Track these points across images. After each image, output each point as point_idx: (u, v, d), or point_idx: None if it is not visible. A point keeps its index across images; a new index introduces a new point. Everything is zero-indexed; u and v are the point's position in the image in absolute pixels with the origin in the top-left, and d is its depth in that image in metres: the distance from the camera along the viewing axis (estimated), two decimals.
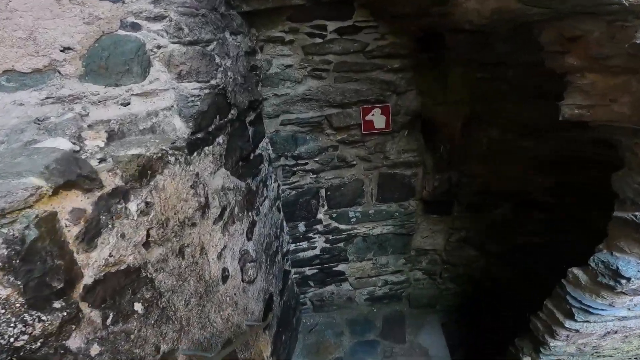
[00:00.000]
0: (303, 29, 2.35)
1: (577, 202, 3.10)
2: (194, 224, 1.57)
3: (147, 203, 1.25)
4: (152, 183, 1.29)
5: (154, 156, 1.31)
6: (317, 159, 2.82)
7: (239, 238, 2.12)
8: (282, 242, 3.14)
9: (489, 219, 3.33)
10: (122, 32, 1.36)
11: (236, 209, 2.06)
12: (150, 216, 1.27)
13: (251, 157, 2.35)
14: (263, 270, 2.61)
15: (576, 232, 3.45)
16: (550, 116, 1.88)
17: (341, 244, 3.48)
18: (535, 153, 2.79)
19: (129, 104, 1.40)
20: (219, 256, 1.84)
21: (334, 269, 3.70)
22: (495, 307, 3.96)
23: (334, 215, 3.17)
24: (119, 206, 1.13)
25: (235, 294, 2.05)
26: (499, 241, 3.46)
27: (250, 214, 2.30)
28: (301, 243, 3.38)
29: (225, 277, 1.91)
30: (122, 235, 1.13)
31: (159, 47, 1.43)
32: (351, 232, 3.35)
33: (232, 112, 1.97)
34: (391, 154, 2.86)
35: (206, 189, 1.68)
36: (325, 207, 3.11)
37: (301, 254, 3.49)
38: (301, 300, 3.96)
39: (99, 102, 1.35)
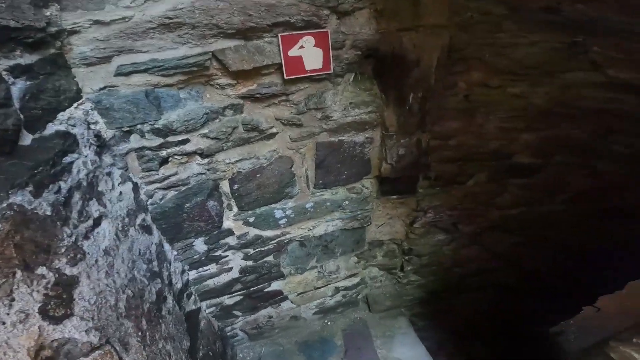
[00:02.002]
0: None
1: (566, 161, 2.44)
2: None
3: None
4: None
5: None
6: (206, 131, 1.55)
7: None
8: (169, 276, 1.86)
9: (461, 193, 2.51)
10: None
11: None
12: None
13: (29, 143, 1.00)
14: (134, 349, 1.34)
15: (562, 199, 2.89)
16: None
17: (270, 258, 2.33)
18: (527, 102, 1.97)
19: None
20: None
21: (265, 290, 2.57)
22: (468, 294, 3.34)
23: (252, 219, 1.98)
24: None
25: None
26: (472, 219, 2.71)
27: (45, 269, 0.97)
28: (206, 267, 2.14)
29: None
30: None
31: None
32: (282, 238, 2.22)
33: None
34: (334, 111, 1.73)
35: None
36: (235, 210, 1.89)
37: (210, 282, 2.25)
38: (229, 333, 2.78)
39: None
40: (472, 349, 3.55)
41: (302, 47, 1.57)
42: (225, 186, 1.74)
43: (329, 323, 3.14)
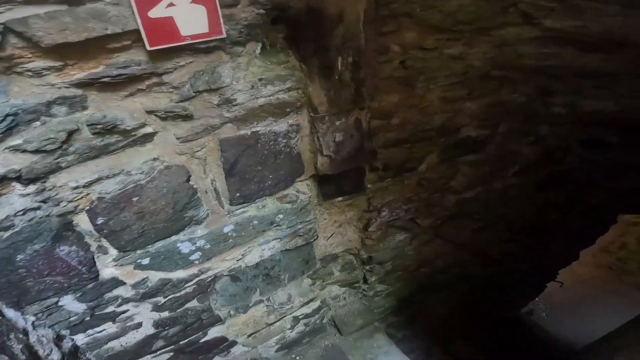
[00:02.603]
0: None
1: (511, 130, 2.24)
2: None
3: None
4: None
5: None
6: (19, 142, 0.95)
7: None
8: (28, 348, 1.18)
9: (414, 181, 2.18)
10: None
11: None
12: None
13: None
14: None
15: (513, 172, 2.71)
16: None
17: (193, 303, 1.74)
18: (466, 65, 1.69)
19: None
20: None
21: (203, 340, 1.98)
22: (440, 292, 3.04)
23: (145, 261, 1.38)
24: None
25: None
26: (429, 209, 2.40)
27: None
28: (99, 328, 1.49)
29: None
30: None
31: None
32: (202, 277, 1.64)
33: None
34: (237, 91, 1.25)
35: None
36: (113, 252, 1.28)
37: (115, 344, 1.60)
38: None
39: None
40: (456, 347, 3.27)
41: (171, 4, 1.08)
42: (83, 222, 1.14)
43: (297, 358, 2.60)
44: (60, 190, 1.04)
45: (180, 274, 1.53)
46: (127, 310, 1.54)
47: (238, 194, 1.51)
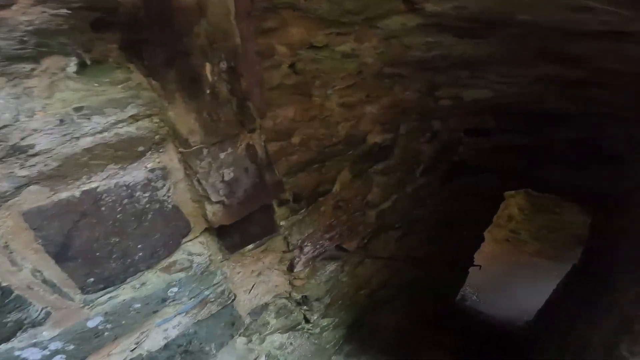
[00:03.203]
0: None
1: (410, 129, 2.20)
2: None
3: None
4: None
5: None
6: None
7: None
8: None
9: (331, 205, 1.91)
10: None
11: None
12: None
13: None
14: None
15: (420, 173, 2.68)
16: None
17: None
18: (359, 63, 1.52)
19: None
20: None
21: None
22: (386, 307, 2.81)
23: None
24: None
25: None
26: (353, 230, 2.16)
27: None
28: None
29: None
30: None
31: None
32: None
33: None
34: (32, 132, 0.74)
35: None
36: None
37: None
38: None
39: None
40: (419, 354, 3.10)
41: None
42: None
43: None
44: None
45: None
46: None
47: (92, 279, 0.96)
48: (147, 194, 0.99)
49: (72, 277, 0.94)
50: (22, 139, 0.73)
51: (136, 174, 0.95)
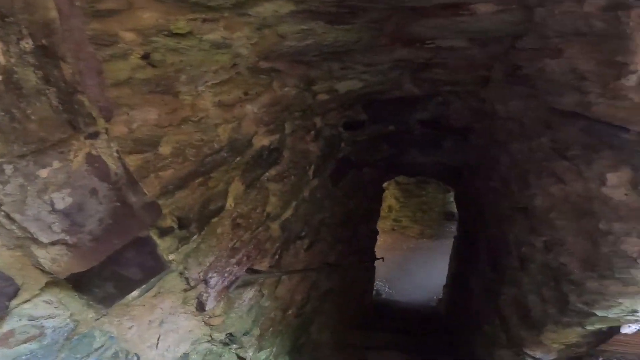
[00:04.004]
0: None
1: (296, 129, 2.12)
2: None
3: None
4: None
5: None
6: None
7: None
8: None
9: (228, 225, 1.64)
10: None
11: None
12: None
13: None
14: None
15: (312, 174, 2.60)
16: None
17: None
18: (233, 55, 1.35)
19: None
20: None
21: None
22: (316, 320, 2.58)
23: None
24: None
25: None
26: (259, 248, 1.91)
27: None
28: None
29: None
30: None
31: None
32: None
33: None
34: None
35: None
36: None
37: None
38: None
39: None
40: (366, 355, 2.99)
41: None
42: None
43: None
44: None
45: None
46: None
47: None
48: None
49: None
50: None
51: None
